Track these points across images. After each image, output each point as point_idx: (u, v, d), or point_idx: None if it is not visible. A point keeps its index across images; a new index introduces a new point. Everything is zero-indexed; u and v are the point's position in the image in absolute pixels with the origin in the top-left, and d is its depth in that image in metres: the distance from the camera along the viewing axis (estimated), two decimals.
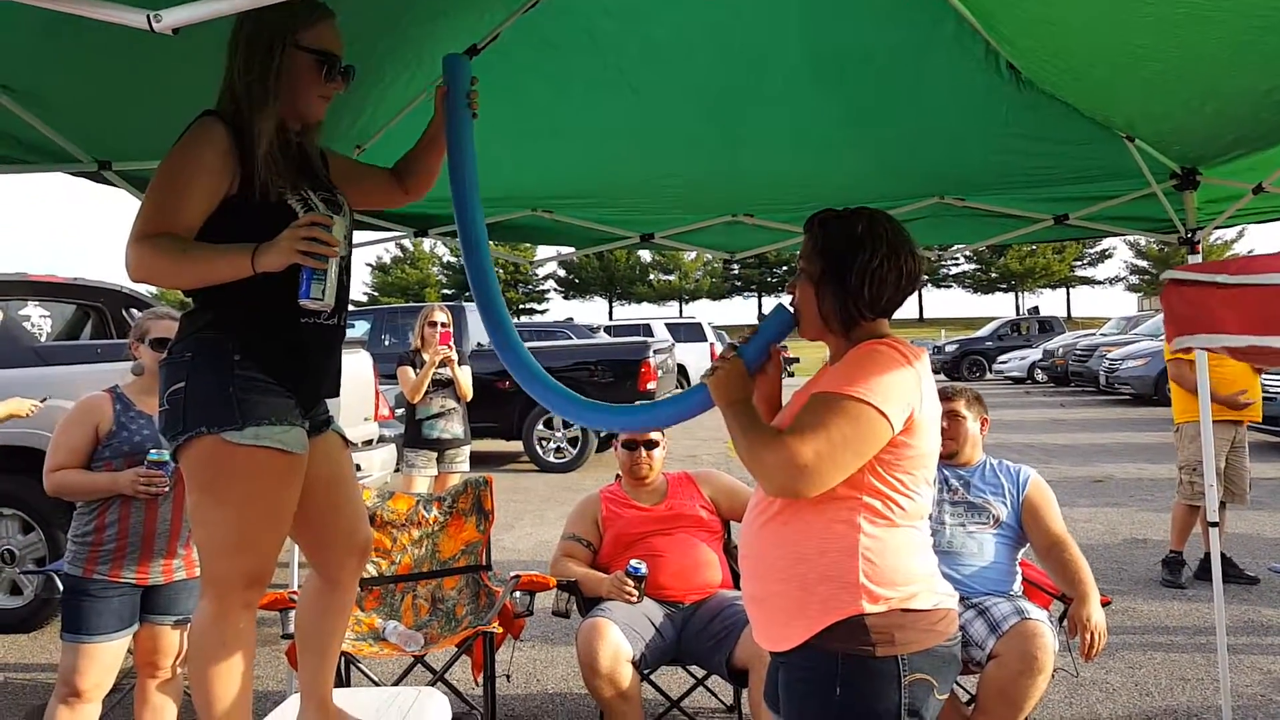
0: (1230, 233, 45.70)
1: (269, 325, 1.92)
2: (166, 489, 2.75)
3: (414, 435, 5.41)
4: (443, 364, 5.36)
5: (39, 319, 6.04)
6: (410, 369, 5.39)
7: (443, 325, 5.40)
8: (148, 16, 1.15)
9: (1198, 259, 3.34)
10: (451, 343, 5.37)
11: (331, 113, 2.11)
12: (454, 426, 5.45)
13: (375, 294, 53.79)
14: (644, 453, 3.32)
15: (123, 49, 1.98)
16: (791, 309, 1.79)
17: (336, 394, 2.15)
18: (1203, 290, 2.79)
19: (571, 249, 4.39)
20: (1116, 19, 2.07)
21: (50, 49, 1.99)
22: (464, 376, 5.46)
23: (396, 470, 5.78)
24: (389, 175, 2.34)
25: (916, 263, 1.73)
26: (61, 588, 2.78)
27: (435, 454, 5.41)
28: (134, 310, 6.21)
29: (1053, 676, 2.65)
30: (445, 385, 5.43)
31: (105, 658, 2.73)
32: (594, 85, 2.79)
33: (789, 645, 1.67)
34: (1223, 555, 4.85)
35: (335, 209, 2.04)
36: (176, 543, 2.85)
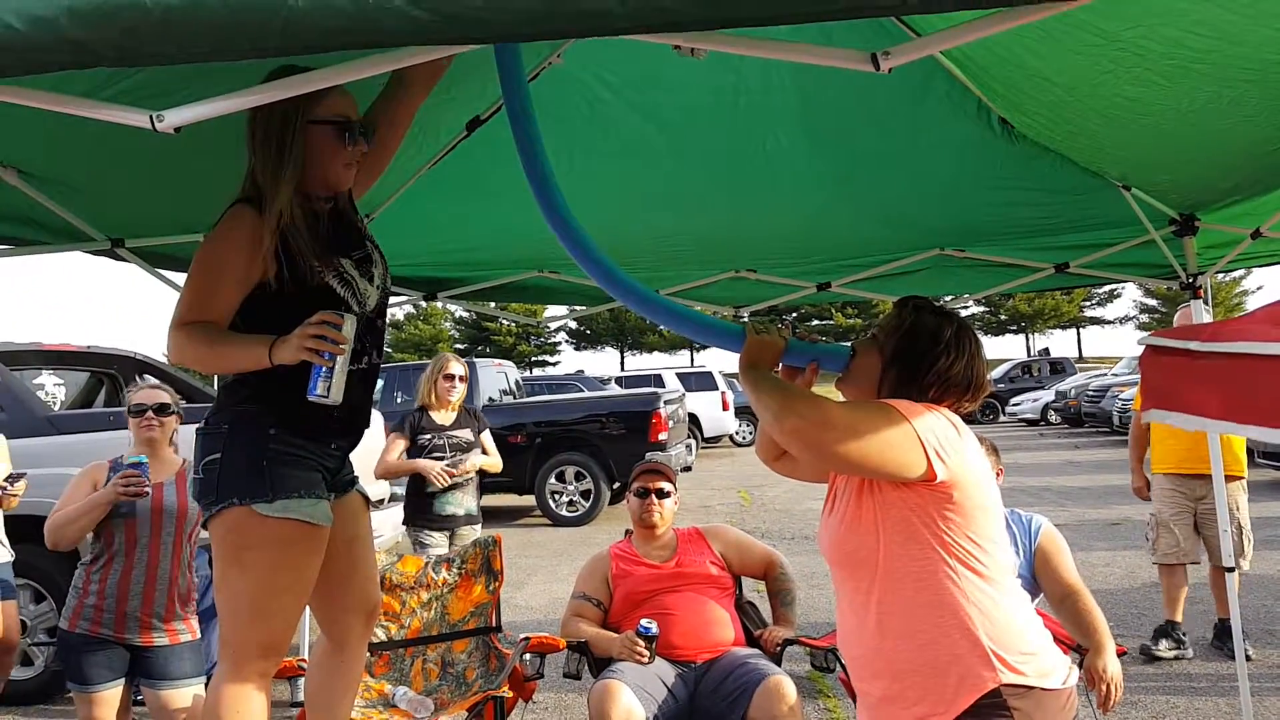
0: (1237, 270, 45.52)
1: (302, 398, 1.94)
2: (147, 490, 2.94)
3: (422, 509, 4.43)
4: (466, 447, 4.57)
5: (53, 387, 6.11)
6: (401, 441, 4.46)
7: (460, 379, 4.53)
8: (150, 117, 1.19)
9: (1199, 304, 3.35)
10: (458, 472, 4.46)
11: None
12: (468, 500, 4.54)
13: (389, 350, 54.08)
14: (655, 500, 3.31)
15: (133, 134, 2.04)
16: (850, 356, 1.79)
17: (367, 424, 2.23)
18: (1177, 360, 2.63)
19: (583, 306, 4.43)
20: (1105, 74, 2.11)
21: (64, 135, 2.05)
22: (491, 463, 4.67)
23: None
24: (385, 100, 2.17)
25: (983, 387, 1.75)
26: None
27: (447, 534, 4.46)
28: (148, 376, 6.26)
29: None
30: (465, 449, 4.53)
31: (110, 702, 2.99)
32: (593, 152, 2.85)
33: None
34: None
35: (368, 266, 2.08)
36: (150, 608, 3.03)
